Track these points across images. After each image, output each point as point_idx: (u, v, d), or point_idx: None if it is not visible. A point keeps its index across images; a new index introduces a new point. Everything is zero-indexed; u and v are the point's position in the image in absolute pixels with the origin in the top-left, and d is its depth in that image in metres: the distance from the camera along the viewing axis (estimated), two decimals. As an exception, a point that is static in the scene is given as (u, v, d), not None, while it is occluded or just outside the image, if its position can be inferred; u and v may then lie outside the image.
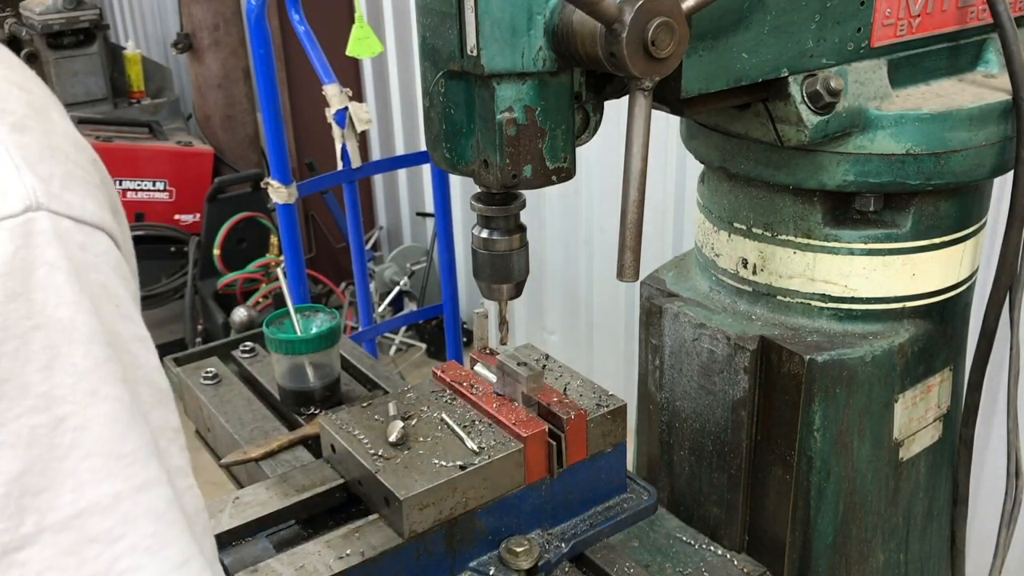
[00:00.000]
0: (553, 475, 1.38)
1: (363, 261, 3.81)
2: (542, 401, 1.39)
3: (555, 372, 1.50)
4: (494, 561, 1.34)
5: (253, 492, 1.40)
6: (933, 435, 1.49)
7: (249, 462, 1.64)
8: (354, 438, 1.37)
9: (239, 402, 1.84)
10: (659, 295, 1.50)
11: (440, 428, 1.39)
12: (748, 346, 1.34)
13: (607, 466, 1.44)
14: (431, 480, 1.28)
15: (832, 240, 1.34)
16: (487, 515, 1.33)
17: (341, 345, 1.90)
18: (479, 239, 1.22)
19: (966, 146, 1.26)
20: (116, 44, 6.10)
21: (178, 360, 2.02)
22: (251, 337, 2.06)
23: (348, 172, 3.58)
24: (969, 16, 1.33)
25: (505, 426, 1.37)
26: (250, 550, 1.31)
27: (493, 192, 1.18)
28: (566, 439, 1.37)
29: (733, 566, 1.37)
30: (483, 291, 1.27)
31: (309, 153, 5.19)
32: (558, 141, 1.11)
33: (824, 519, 1.40)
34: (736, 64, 1.17)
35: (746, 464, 1.42)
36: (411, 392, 1.50)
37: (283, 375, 1.80)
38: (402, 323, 4.77)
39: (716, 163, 1.40)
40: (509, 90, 1.05)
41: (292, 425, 1.77)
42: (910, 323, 1.39)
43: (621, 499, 1.47)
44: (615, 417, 1.42)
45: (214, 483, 1.82)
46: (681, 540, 1.41)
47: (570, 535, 1.40)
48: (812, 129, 1.22)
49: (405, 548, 1.27)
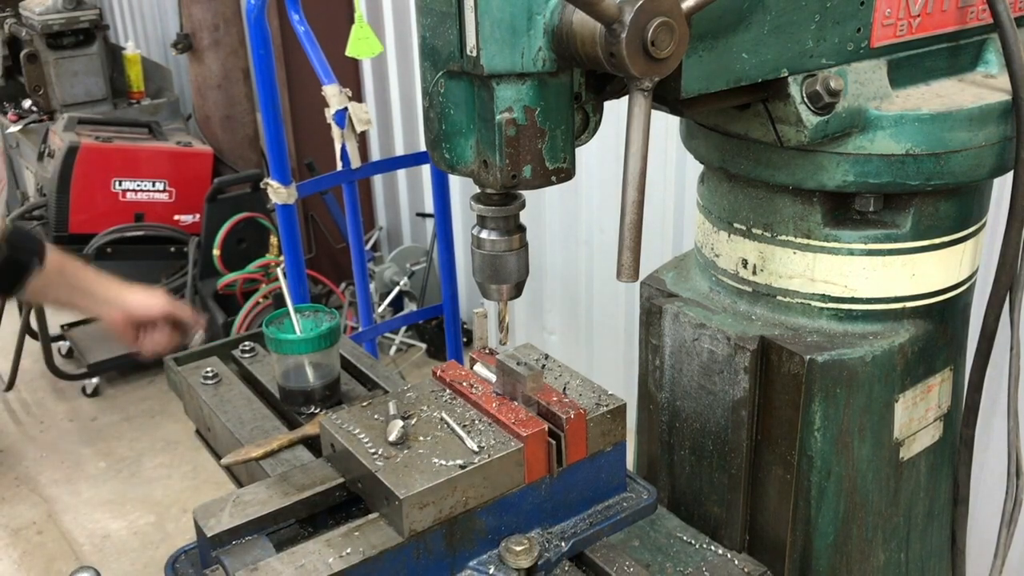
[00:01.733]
0: (553, 474, 1.38)
1: (363, 261, 3.81)
2: (542, 400, 1.39)
3: (555, 372, 1.49)
4: (494, 560, 1.34)
5: (253, 491, 1.40)
6: (933, 435, 1.49)
7: (249, 461, 1.64)
8: (354, 437, 1.37)
9: (239, 402, 1.84)
10: (659, 295, 1.50)
11: (440, 427, 1.39)
12: (748, 346, 1.34)
13: (607, 465, 1.44)
14: (431, 479, 1.28)
15: (832, 240, 1.34)
16: (487, 514, 1.33)
17: (341, 345, 1.90)
18: (478, 239, 1.22)
19: (966, 146, 1.26)
20: (116, 44, 6.10)
21: (178, 360, 2.02)
22: (251, 337, 2.07)
23: (348, 172, 3.58)
24: (969, 16, 1.33)
25: (505, 425, 1.37)
26: (250, 549, 1.31)
27: (492, 193, 1.18)
28: (566, 438, 1.37)
29: (734, 566, 1.37)
30: (483, 291, 1.27)
31: (309, 153, 5.19)
32: (558, 141, 1.10)
33: (825, 519, 1.40)
34: (736, 64, 1.17)
35: (746, 464, 1.41)
36: (411, 391, 1.50)
37: (283, 375, 1.80)
38: (402, 323, 4.77)
39: (716, 163, 1.40)
40: (509, 90, 1.05)
41: (292, 424, 1.77)
42: (910, 323, 1.39)
43: (621, 498, 1.47)
44: (615, 416, 1.42)
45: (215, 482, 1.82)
46: (682, 540, 1.41)
47: (570, 534, 1.40)
48: (812, 129, 1.22)
49: (405, 547, 1.27)
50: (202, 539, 1.33)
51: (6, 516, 4.12)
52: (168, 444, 4.48)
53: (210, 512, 1.34)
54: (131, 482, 4.28)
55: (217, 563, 1.30)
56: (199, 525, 1.33)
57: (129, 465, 4.41)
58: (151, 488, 4.22)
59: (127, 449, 4.52)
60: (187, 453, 4.31)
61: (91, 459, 4.47)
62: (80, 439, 4.63)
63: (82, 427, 4.73)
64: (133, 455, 4.47)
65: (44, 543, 3.94)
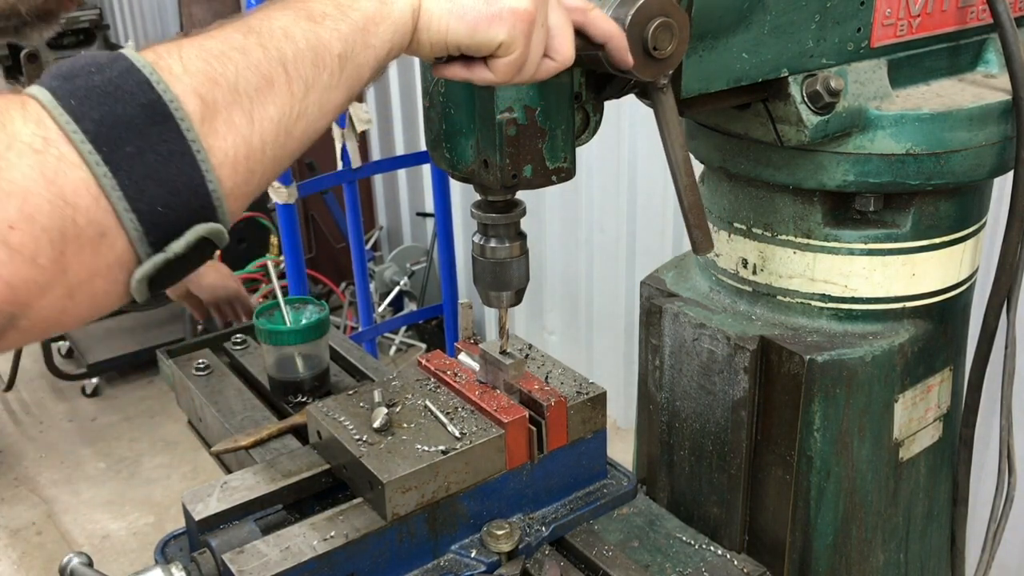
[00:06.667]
0: (534, 460, 1.40)
1: (363, 261, 3.81)
2: (524, 388, 1.42)
3: (537, 361, 1.52)
4: (476, 544, 1.36)
5: (241, 477, 1.43)
6: (933, 435, 1.49)
7: (239, 450, 1.67)
8: (340, 424, 1.39)
9: (230, 392, 1.88)
10: (659, 295, 1.50)
11: (424, 415, 1.42)
12: (748, 346, 1.34)
13: (587, 452, 1.46)
14: (413, 464, 1.30)
15: (832, 240, 1.34)
16: (469, 499, 1.36)
17: (331, 337, 1.92)
18: (479, 247, 1.23)
19: (966, 146, 1.26)
20: (116, 44, 6.10)
21: (171, 352, 2.04)
22: (243, 329, 2.10)
23: (348, 172, 3.58)
24: (969, 16, 1.33)
25: (487, 412, 1.39)
26: (237, 533, 1.33)
27: (493, 200, 1.18)
28: (547, 425, 1.39)
29: (733, 566, 1.37)
30: (484, 299, 1.27)
31: (309, 153, 5.18)
32: (558, 141, 1.10)
33: (824, 519, 1.40)
34: (736, 64, 1.17)
35: (746, 464, 1.41)
36: (396, 380, 1.53)
37: (273, 365, 1.82)
38: (402, 323, 4.77)
39: (716, 163, 1.40)
40: (509, 90, 1.05)
41: (282, 414, 1.80)
42: (910, 323, 1.39)
43: (601, 484, 1.49)
44: (595, 404, 1.44)
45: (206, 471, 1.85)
46: (681, 540, 1.42)
47: (551, 519, 1.42)
48: (812, 129, 1.22)
49: (388, 530, 1.29)
50: (191, 523, 1.35)
51: (5, 516, 4.12)
52: (168, 444, 4.48)
53: (198, 497, 1.37)
54: (131, 482, 4.29)
55: (205, 546, 1.32)
56: (187, 509, 1.35)
57: (129, 465, 4.41)
58: (151, 488, 4.22)
59: (127, 449, 4.53)
60: (187, 453, 4.31)
61: (91, 459, 4.47)
62: (80, 439, 4.63)
63: (82, 427, 4.73)
64: (133, 455, 4.47)
65: (43, 543, 3.94)
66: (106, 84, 0.74)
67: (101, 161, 0.71)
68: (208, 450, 1.80)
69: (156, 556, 1.40)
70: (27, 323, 0.72)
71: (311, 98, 0.84)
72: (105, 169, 0.72)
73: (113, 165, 0.72)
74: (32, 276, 0.70)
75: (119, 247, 0.74)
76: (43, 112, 0.72)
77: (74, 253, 0.71)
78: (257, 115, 0.80)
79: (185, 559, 1.32)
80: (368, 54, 0.88)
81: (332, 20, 0.85)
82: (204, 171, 0.76)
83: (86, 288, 0.74)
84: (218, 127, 0.78)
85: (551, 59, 0.97)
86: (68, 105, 0.72)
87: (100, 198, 0.72)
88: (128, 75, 0.75)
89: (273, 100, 0.81)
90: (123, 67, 0.75)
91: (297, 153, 0.87)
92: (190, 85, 0.77)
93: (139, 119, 0.73)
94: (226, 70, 0.79)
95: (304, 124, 0.84)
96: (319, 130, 0.88)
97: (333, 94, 0.86)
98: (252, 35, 0.82)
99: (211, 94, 0.77)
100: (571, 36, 0.97)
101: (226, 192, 0.78)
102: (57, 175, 0.70)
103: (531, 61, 0.94)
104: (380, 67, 0.90)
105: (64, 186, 0.70)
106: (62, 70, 0.75)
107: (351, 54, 0.86)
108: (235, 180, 0.79)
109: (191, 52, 0.79)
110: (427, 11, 0.90)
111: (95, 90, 0.73)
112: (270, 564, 1.23)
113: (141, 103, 0.74)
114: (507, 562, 1.35)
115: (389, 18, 0.88)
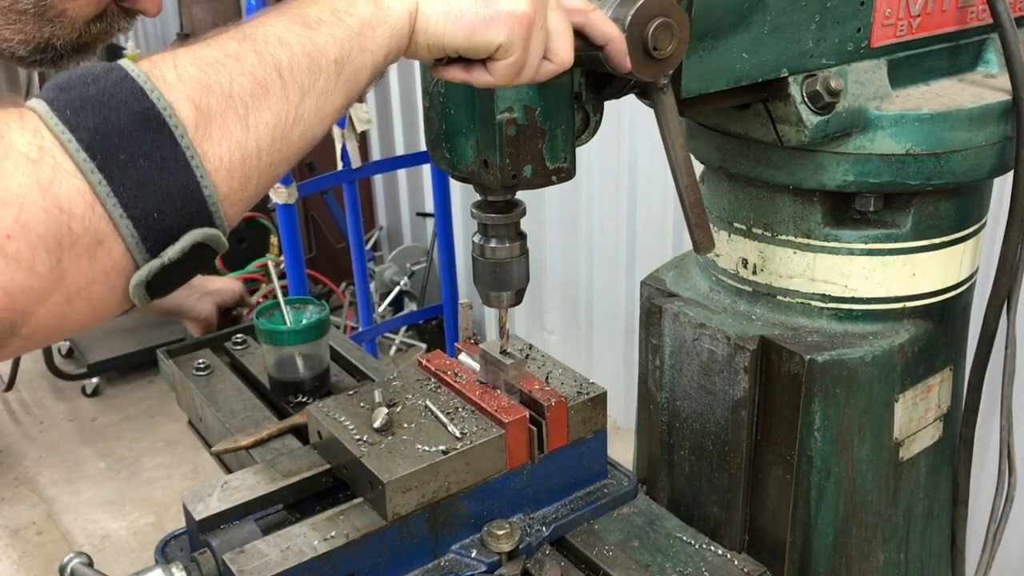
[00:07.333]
0: (534, 460, 1.40)
1: (363, 261, 3.81)
2: (524, 388, 1.42)
3: (537, 361, 1.52)
4: (476, 544, 1.36)
5: (241, 477, 1.43)
6: (933, 435, 1.49)
7: (239, 450, 1.67)
8: (340, 424, 1.39)
9: (230, 392, 1.88)
10: (659, 295, 1.50)
11: (424, 415, 1.42)
12: (748, 346, 1.34)
13: (588, 452, 1.46)
14: (414, 464, 1.30)
15: (832, 240, 1.34)
16: (469, 499, 1.36)
17: (331, 337, 1.92)
18: (479, 247, 1.23)
19: (966, 146, 1.26)
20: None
21: (171, 352, 2.04)
22: (243, 329, 2.10)
23: (348, 172, 3.58)
24: (969, 16, 1.33)
25: (487, 412, 1.39)
26: (238, 533, 1.33)
27: (493, 200, 1.18)
28: (547, 425, 1.39)
29: (733, 566, 1.37)
30: (484, 299, 1.27)
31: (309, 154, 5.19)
32: (558, 141, 1.11)
33: (824, 519, 1.40)
34: (736, 64, 1.17)
35: (746, 464, 1.42)
36: (396, 380, 1.52)
37: (273, 365, 1.82)
38: (402, 323, 4.77)
39: (716, 163, 1.40)
40: (509, 90, 1.05)
41: (282, 414, 1.80)
42: (910, 323, 1.39)
43: (601, 484, 1.49)
44: (595, 404, 1.44)
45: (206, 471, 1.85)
46: (681, 540, 1.42)
47: (551, 519, 1.42)
48: (812, 129, 1.22)
49: (388, 530, 1.29)
50: (191, 523, 1.35)
51: (6, 516, 4.12)
52: (168, 444, 4.48)
53: (199, 497, 1.37)
54: (131, 482, 4.29)
55: (205, 546, 1.32)
56: (188, 509, 1.35)
57: (129, 465, 4.41)
58: (151, 488, 4.22)
59: (127, 449, 4.53)
60: (187, 453, 4.32)
61: (91, 459, 4.47)
62: (80, 439, 4.64)
63: (82, 427, 4.74)
64: (133, 455, 4.47)
65: (44, 543, 3.95)
66: (101, 94, 0.75)
67: (96, 169, 0.72)
68: (208, 450, 1.80)
69: (156, 556, 1.40)
70: (28, 330, 0.73)
71: (307, 103, 0.84)
72: (100, 177, 0.72)
73: (107, 173, 0.73)
74: (30, 284, 0.70)
75: (116, 254, 0.75)
76: (39, 122, 0.73)
77: (71, 260, 0.72)
78: (252, 121, 0.80)
79: (185, 559, 1.32)
80: (365, 59, 0.88)
81: (328, 26, 0.86)
82: (199, 176, 0.76)
83: (85, 295, 0.75)
84: (212, 133, 0.78)
85: (550, 61, 0.97)
86: (64, 115, 0.73)
87: (95, 205, 0.72)
88: (122, 84, 0.76)
89: (269, 106, 0.82)
90: (118, 77, 0.76)
91: (295, 158, 0.87)
92: (184, 92, 0.77)
93: (133, 127, 0.74)
94: (220, 77, 0.79)
95: (301, 129, 0.85)
96: (317, 135, 0.88)
97: (330, 99, 0.87)
98: (247, 42, 0.83)
99: (205, 101, 0.78)
100: (570, 38, 0.97)
101: (222, 197, 0.79)
102: (52, 184, 0.71)
103: (530, 64, 0.94)
104: (378, 71, 0.91)
105: (59, 194, 0.71)
106: (59, 82, 0.76)
107: (348, 59, 0.87)
108: (231, 185, 0.80)
109: (185, 60, 0.80)
110: (424, 15, 0.90)
111: (90, 100, 0.74)
112: (270, 564, 1.23)
113: (135, 111, 0.75)
114: (507, 562, 1.35)
115: (385, 22, 0.89)
